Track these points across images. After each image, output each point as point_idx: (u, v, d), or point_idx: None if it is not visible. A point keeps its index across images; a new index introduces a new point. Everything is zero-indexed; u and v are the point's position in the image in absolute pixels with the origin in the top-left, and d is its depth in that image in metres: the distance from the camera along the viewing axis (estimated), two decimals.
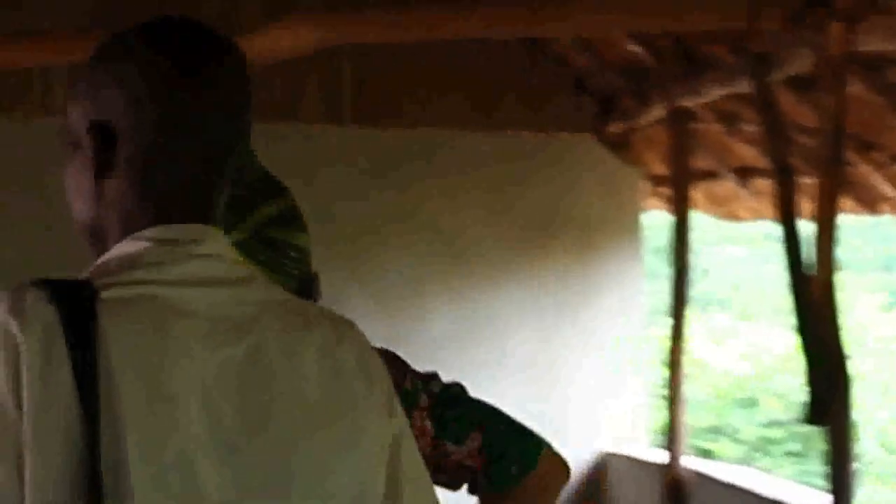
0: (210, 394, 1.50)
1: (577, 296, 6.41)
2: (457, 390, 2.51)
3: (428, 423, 2.44)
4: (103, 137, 1.54)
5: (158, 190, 1.55)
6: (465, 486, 2.46)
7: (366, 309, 6.12)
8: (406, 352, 6.06)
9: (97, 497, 1.42)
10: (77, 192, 1.60)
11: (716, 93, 5.29)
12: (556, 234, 6.41)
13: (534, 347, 6.35)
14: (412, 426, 2.03)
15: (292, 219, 2.36)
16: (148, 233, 1.55)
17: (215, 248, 1.57)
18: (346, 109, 6.10)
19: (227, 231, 1.84)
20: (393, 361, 2.47)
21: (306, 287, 2.34)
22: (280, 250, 2.30)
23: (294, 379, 1.56)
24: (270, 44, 4.56)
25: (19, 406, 1.42)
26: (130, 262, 1.53)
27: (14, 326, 1.44)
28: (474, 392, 2.44)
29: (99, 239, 1.60)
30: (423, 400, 2.48)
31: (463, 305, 6.31)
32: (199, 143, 1.56)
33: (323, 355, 1.59)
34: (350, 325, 1.65)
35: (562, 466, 2.47)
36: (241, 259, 1.62)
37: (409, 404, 2.41)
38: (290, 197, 2.40)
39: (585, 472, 6.34)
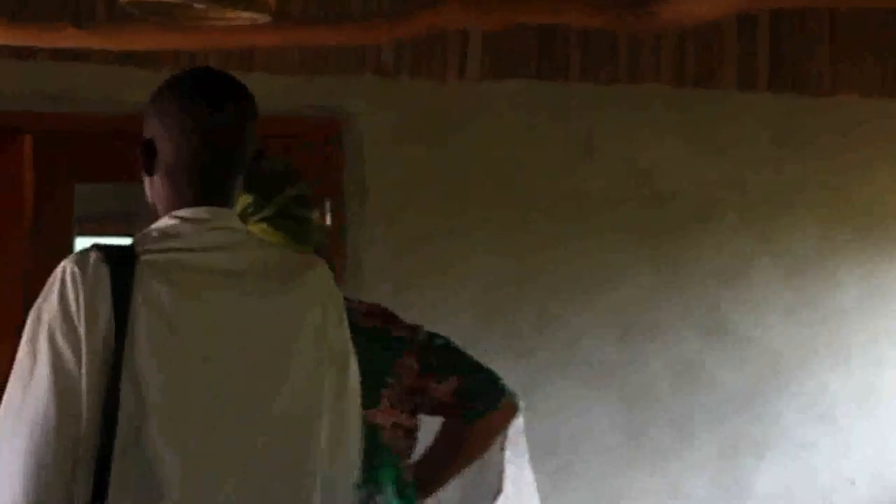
0: (212, 323, 2.29)
1: None
2: (442, 341, 3.33)
3: (415, 363, 3.22)
4: (148, 150, 2.42)
5: (186, 184, 2.39)
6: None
7: (773, 276, 6.13)
8: (812, 319, 6.17)
9: (116, 387, 2.20)
10: (144, 184, 2.48)
11: None
12: None
13: None
14: (402, 365, 3.17)
15: (307, 200, 3.16)
16: (179, 213, 2.38)
17: (226, 223, 2.39)
18: (762, 76, 6.07)
19: (259, 209, 3.02)
20: (383, 314, 3.34)
21: (319, 254, 2.98)
22: (301, 223, 3.10)
23: (271, 307, 2.34)
24: (690, 8, 4.59)
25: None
26: (164, 234, 2.37)
27: (78, 274, 2.24)
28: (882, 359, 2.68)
29: (156, 215, 2.42)
30: (411, 345, 3.27)
31: (873, 277, 6.22)
32: (213, 154, 2.38)
33: (286, 292, 2.37)
34: (305, 269, 2.45)
35: (515, 408, 3.40)
36: (245, 230, 2.46)
37: (401, 347, 3.24)
38: (304, 183, 3.21)
39: None
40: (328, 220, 4.29)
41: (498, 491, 5.47)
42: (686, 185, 6.02)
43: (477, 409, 3.34)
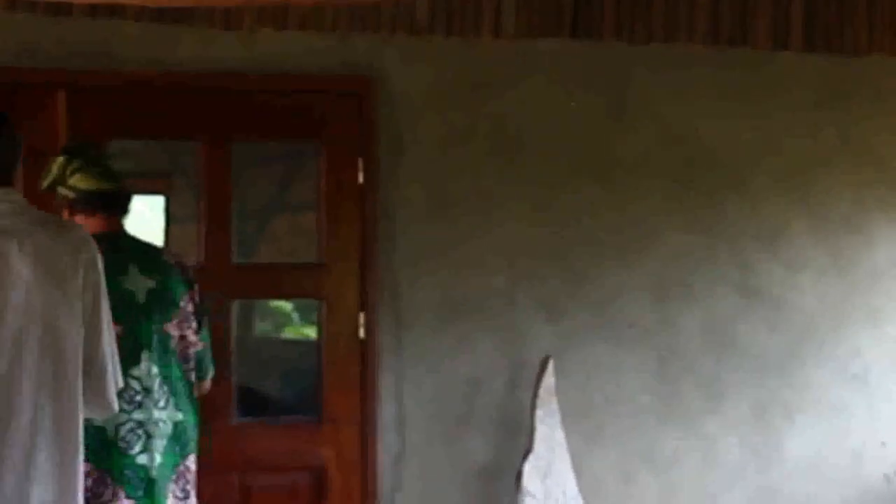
0: (15, 262, 3.18)
1: None
2: (207, 309, 4.34)
3: (191, 306, 4.23)
4: None
5: None
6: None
7: (807, 238, 6.12)
8: (845, 281, 6.23)
9: None
10: None
11: None
12: None
13: None
14: (190, 297, 4.25)
15: (105, 155, 4.30)
16: None
17: (11, 198, 3.27)
18: (796, 35, 6.03)
19: (70, 163, 4.16)
20: (181, 260, 4.32)
21: (124, 194, 4.29)
22: (104, 168, 4.20)
23: (47, 253, 3.20)
24: None
25: None
26: None
27: None
28: None
29: None
30: (197, 287, 4.26)
31: None
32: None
33: (55, 242, 3.24)
34: (69, 227, 3.46)
35: (209, 381, 4.39)
36: (25, 202, 3.30)
37: (191, 283, 4.25)
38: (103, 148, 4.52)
39: None
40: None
41: (529, 450, 5.49)
42: (720, 145, 6.00)
43: (197, 374, 4.32)
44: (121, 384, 3.44)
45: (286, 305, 8.05)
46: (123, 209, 4.31)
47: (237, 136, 5.53)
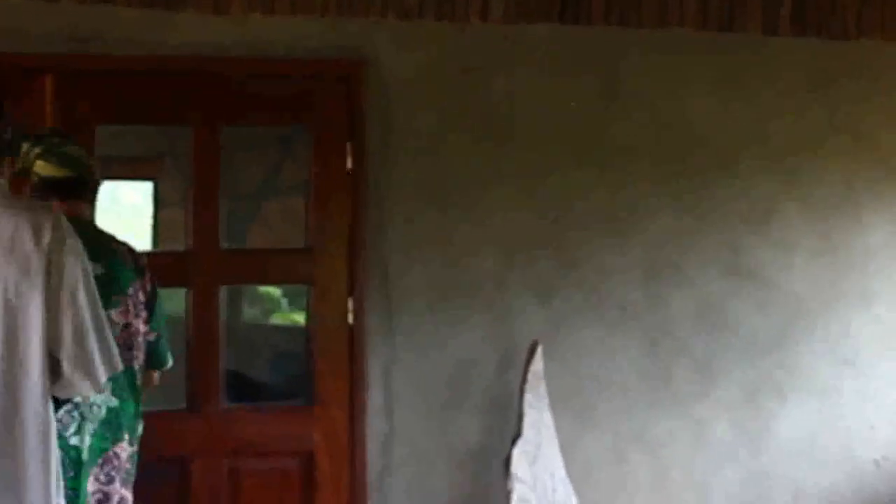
0: None
1: None
2: (160, 299, 4.45)
3: (141, 294, 4.33)
4: None
5: None
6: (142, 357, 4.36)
7: (798, 220, 6.12)
8: (836, 262, 6.20)
9: None
10: None
11: None
12: None
13: None
14: (140, 286, 4.34)
15: (67, 142, 4.37)
16: None
17: None
18: (786, 20, 6.02)
19: (32, 149, 4.27)
20: (132, 249, 4.40)
21: (87, 179, 4.39)
22: (63, 156, 4.31)
23: (9, 233, 3.27)
24: None
25: None
26: None
27: None
28: None
29: None
30: (148, 276, 4.37)
31: None
32: None
33: (20, 225, 3.29)
34: (38, 209, 3.43)
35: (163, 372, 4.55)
36: (4, 186, 3.39)
37: (142, 273, 4.36)
38: (69, 137, 4.47)
39: None
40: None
41: (518, 435, 5.50)
42: (711, 129, 6.00)
43: (152, 364, 4.47)
44: (119, 367, 3.54)
45: (275, 291, 8.06)
46: (84, 196, 4.43)
47: (227, 120, 5.52)
